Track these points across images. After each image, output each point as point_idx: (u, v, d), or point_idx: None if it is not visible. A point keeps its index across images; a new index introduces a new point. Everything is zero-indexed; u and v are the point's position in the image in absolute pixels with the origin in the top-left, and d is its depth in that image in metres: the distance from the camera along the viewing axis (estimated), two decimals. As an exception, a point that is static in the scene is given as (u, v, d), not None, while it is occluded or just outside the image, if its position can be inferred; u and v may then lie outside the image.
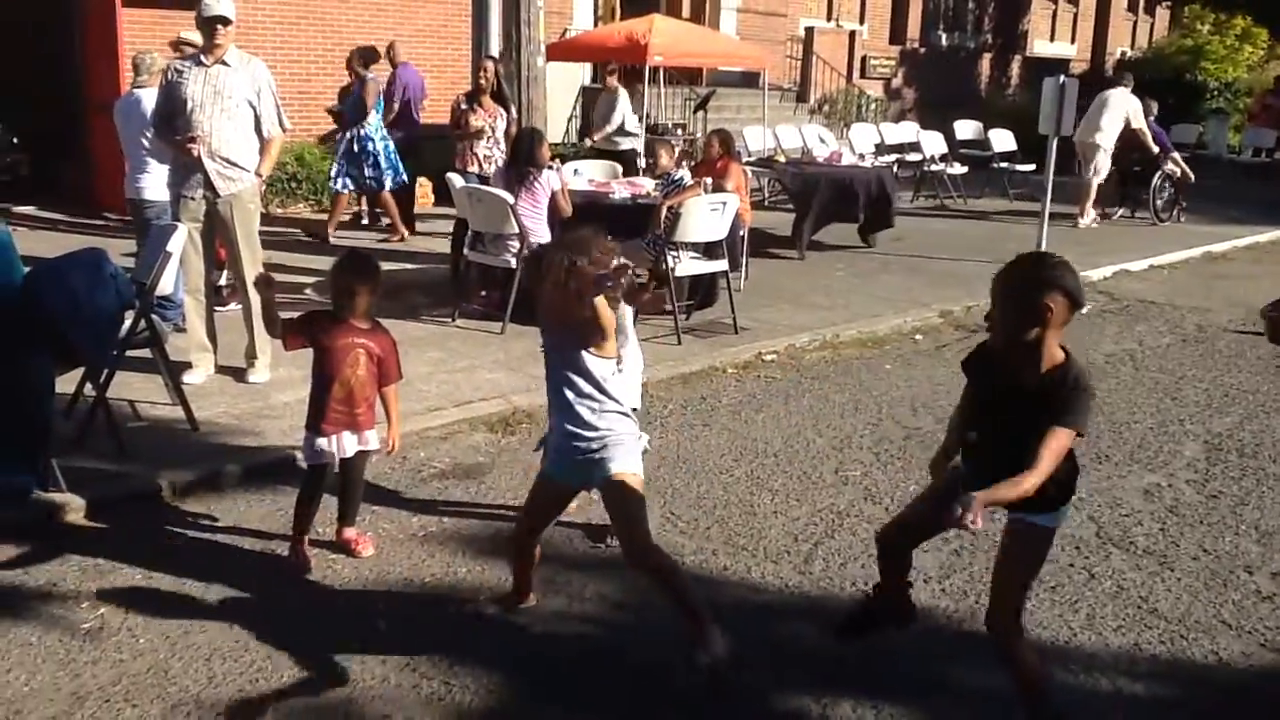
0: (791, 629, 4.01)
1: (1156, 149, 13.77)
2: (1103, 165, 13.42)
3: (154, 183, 7.05)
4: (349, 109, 10.65)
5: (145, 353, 5.57)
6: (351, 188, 10.80)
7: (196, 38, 6.71)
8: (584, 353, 3.50)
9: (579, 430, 3.55)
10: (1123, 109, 13.38)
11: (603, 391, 3.54)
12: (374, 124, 10.55)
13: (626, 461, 3.57)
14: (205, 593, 4.06)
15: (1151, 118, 13.84)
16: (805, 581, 4.31)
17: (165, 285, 5.77)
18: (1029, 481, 2.84)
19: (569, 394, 3.55)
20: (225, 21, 5.86)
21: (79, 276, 4.79)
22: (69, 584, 4.09)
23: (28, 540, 4.39)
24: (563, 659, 3.75)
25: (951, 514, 2.68)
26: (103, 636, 3.75)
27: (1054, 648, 3.87)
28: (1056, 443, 2.87)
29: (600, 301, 3.37)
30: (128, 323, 5.28)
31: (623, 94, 12.28)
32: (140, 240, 7.20)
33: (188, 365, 6.15)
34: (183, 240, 5.74)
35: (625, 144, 12.10)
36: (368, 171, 10.54)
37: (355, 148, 10.51)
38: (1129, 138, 13.47)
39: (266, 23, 13.35)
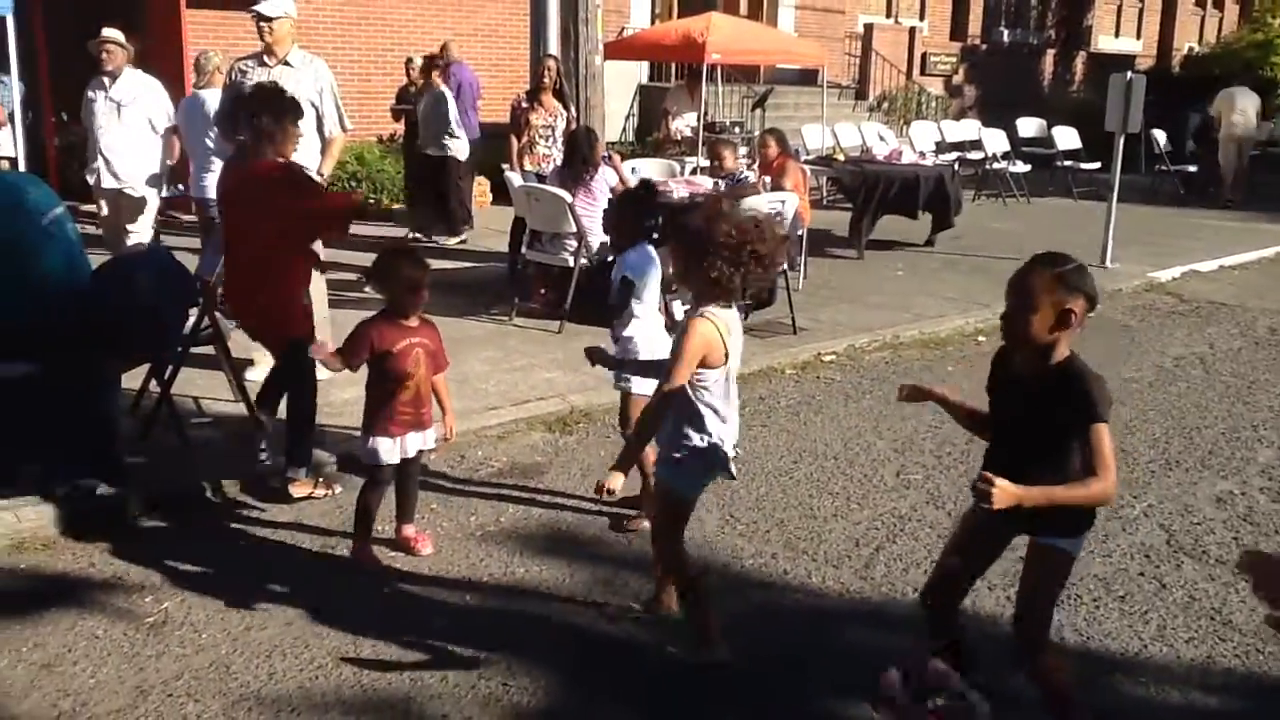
0: (853, 635, 3.94)
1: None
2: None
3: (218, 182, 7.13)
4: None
5: (208, 349, 5.63)
6: None
7: (113, 34, 6.94)
8: None
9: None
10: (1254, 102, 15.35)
11: None
12: None
13: None
14: (266, 589, 4.09)
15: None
16: (866, 587, 4.24)
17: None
18: (1091, 489, 2.79)
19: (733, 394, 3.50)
20: (265, 18, 5.89)
21: (144, 274, 4.85)
22: (133, 578, 4.14)
23: (94, 535, 4.45)
24: (621, 660, 3.72)
25: (983, 489, 2.67)
26: (166, 631, 3.79)
27: (1123, 659, 3.77)
28: (1104, 441, 2.81)
29: None
30: (191, 320, 5.34)
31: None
32: (204, 238, 7.30)
33: (249, 362, 6.19)
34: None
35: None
36: None
37: None
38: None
39: (327, 23, 13.51)
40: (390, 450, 4.17)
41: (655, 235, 4.55)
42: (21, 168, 7.46)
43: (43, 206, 4.60)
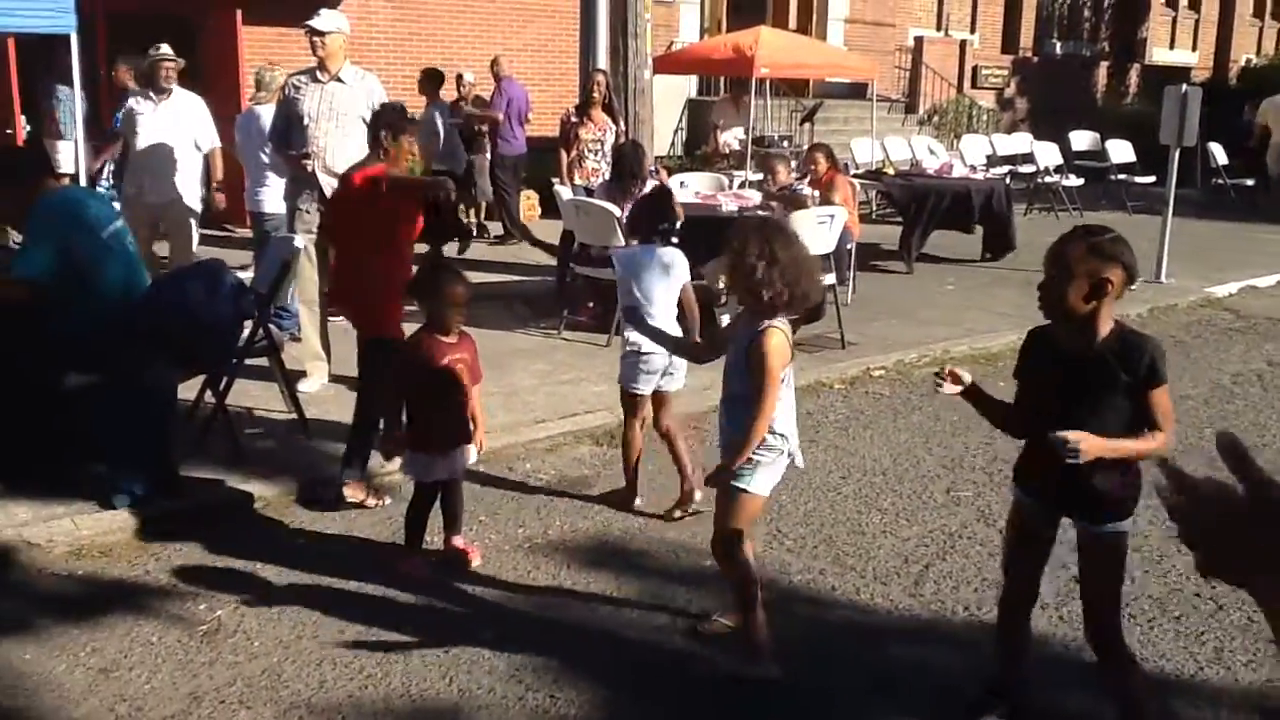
0: (902, 652, 3.91)
1: None
2: None
3: (273, 196, 7.24)
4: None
5: (262, 361, 5.71)
6: None
7: (168, 52, 7.23)
8: None
9: None
10: None
11: None
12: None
13: None
14: (317, 598, 4.13)
15: None
16: (915, 604, 4.20)
17: (282, 295, 5.91)
18: (1158, 441, 2.86)
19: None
20: (317, 33, 5.98)
21: (200, 286, 4.93)
22: (187, 586, 4.21)
23: (149, 543, 4.53)
24: (669, 673, 3.71)
25: (1062, 444, 2.73)
26: (219, 638, 3.85)
27: (1179, 681, 3.70)
28: (1163, 401, 2.88)
29: None
30: (246, 331, 5.42)
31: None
32: (258, 251, 7.40)
33: (303, 374, 6.28)
34: (299, 252, 5.87)
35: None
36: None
37: None
38: None
39: (380, 38, 13.68)
40: (435, 465, 4.20)
41: (672, 239, 4.92)
42: (81, 183, 7.59)
43: (103, 220, 4.69)
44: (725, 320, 4.75)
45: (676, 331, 4.62)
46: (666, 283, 4.77)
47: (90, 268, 4.56)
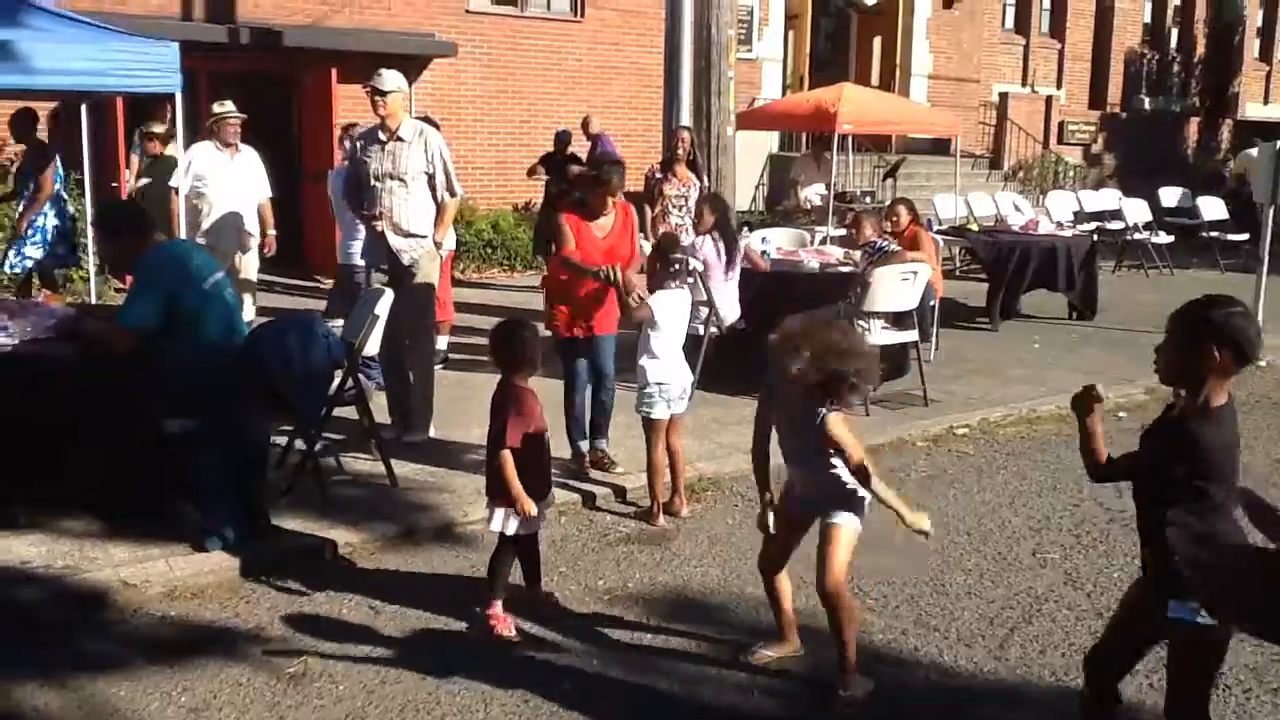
0: (986, 716, 3.84)
1: None
2: None
3: (363, 249, 7.45)
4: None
5: (352, 410, 5.84)
6: None
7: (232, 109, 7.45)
8: None
9: None
10: None
11: None
12: None
13: None
14: (400, 644, 4.20)
15: None
16: (1001, 668, 4.12)
17: (371, 346, 6.05)
18: None
19: None
20: (380, 92, 6.17)
21: (295, 337, 5.08)
22: (276, 630, 4.30)
23: (241, 586, 4.64)
24: (747, 733, 3.69)
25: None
26: (305, 681, 3.92)
27: (1279, 756, 3.57)
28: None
29: None
30: (336, 381, 5.56)
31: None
32: (346, 302, 7.59)
33: (390, 424, 6.40)
34: (389, 304, 6.01)
35: None
36: None
37: None
38: None
39: (468, 95, 14.03)
40: (518, 519, 4.24)
41: (677, 275, 5.65)
42: (182, 235, 7.88)
43: (205, 271, 4.87)
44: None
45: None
46: (668, 321, 5.48)
47: (193, 317, 4.73)
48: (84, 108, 8.72)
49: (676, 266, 5.65)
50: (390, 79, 6.21)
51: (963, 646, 4.27)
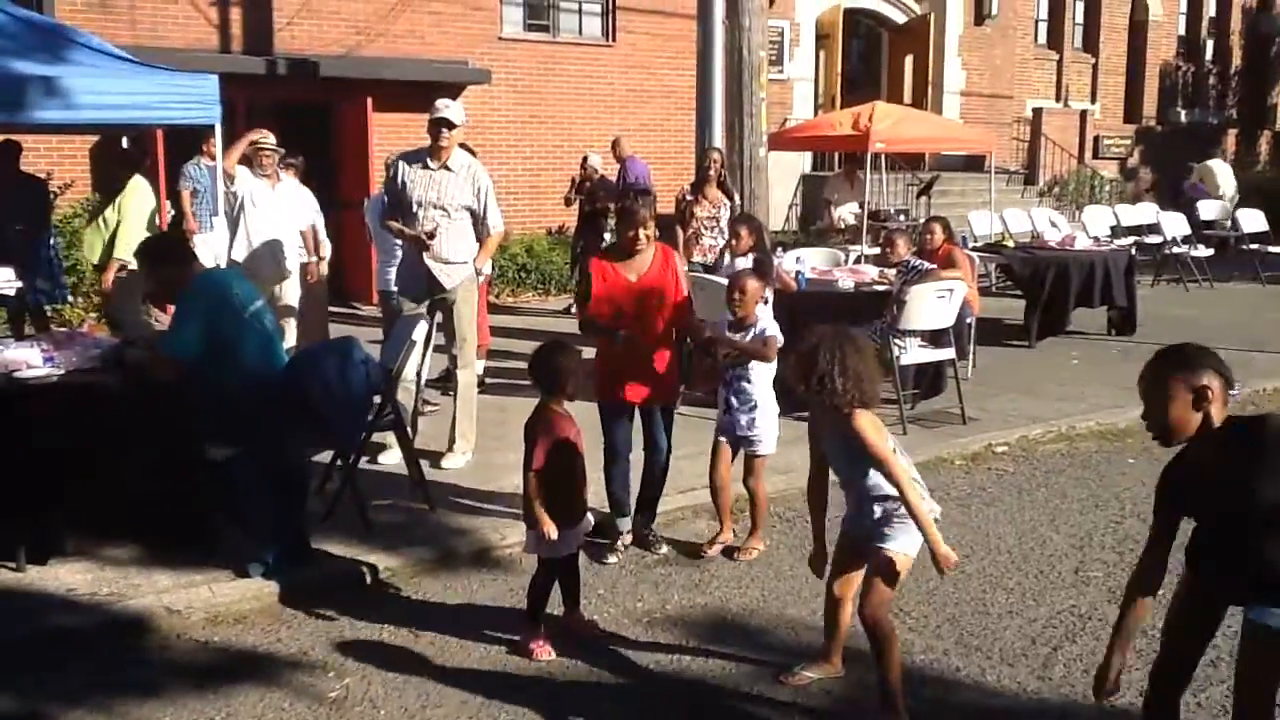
0: (1031, 738, 3.79)
1: None
2: None
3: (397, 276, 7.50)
4: None
5: (390, 436, 5.88)
6: None
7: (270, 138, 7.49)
8: None
9: None
10: None
11: None
12: None
13: None
14: (441, 668, 4.21)
15: None
16: (1044, 688, 4.08)
17: (410, 372, 6.10)
18: None
19: None
20: (450, 125, 6.20)
21: (333, 362, 5.13)
22: (317, 655, 4.33)
23: (282, 612, 4.68)
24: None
25: None
26: (347, 706, 3.94)
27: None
28: None
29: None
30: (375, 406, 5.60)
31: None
32: (387, 329, 7.65)
33: (440, 452, 6.44)
34: (426, 330, 6.06)
35: None
36: None
37: None
38: None
39: (501, 121, 14.16)
40: (565, 541, 4.25)
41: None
42: (223, 263, 7.97)
43: (245, 300, 4.94)
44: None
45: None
46: None
47: (233, 345, 4.79)
48: (125, 140, 8.86)
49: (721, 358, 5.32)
50: (458, 112, 6.26)
51: (1005, 666, 4.23)
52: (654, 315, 5.12)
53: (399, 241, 6.78)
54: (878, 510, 3.74)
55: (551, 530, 4.11)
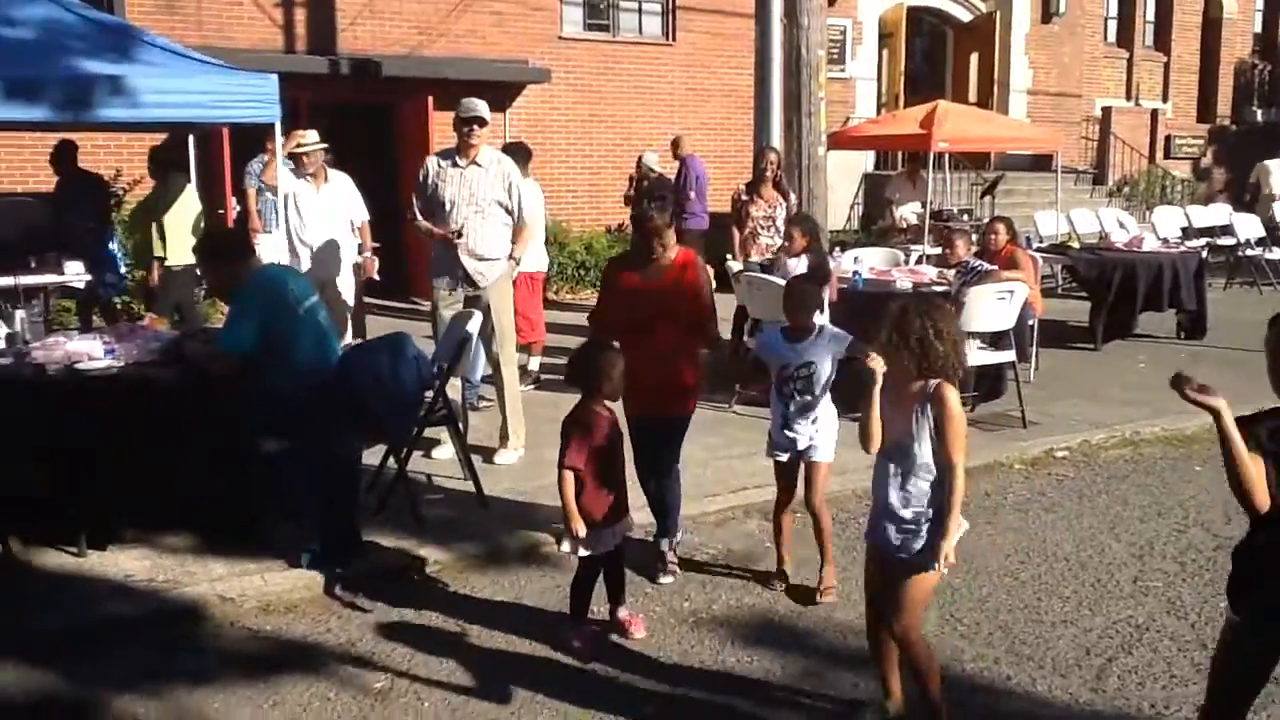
0: (1083, 749, 3.71)
1: None
2: None
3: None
4: None
5: (443, 430, 5.92)
6: None
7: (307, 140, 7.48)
8: None
9: None
10: None
11: None
12: None
13: None
14: (485, 662, 4.22)
15: None
16: (1098, 700, 3.98)
17: (462, 367, 6.13)
18: None
19: None
20: (482, 123, 6.25)
21: (385, 358, 5.17)
22: (364, 646, 4.36)
23: (330, 603, 4.73)
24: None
25: None
26: (391, 697, 3.97)
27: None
28: None
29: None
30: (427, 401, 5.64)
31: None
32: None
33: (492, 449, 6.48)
34: (478, 325, 6.09)
35: None
36: None
37: None
38: None
39: (560, 120, 14.20)
40: (603, 538, 4.25)
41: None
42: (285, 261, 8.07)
43: (300, 296, 4.99)
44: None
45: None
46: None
47: (288, 340, 4.85)
48: (191, 138, 9.02)
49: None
50: (486, 108, 6.34)
51: (1058, 676, 4.13)
52: (666, 324, 4.81)
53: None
54: (908, 515, 3.47)
55: (580, 528, 4.10)
